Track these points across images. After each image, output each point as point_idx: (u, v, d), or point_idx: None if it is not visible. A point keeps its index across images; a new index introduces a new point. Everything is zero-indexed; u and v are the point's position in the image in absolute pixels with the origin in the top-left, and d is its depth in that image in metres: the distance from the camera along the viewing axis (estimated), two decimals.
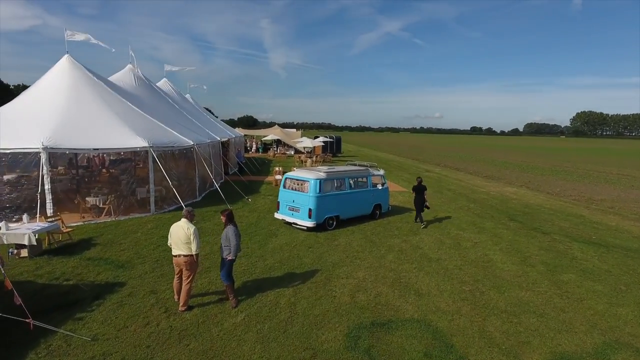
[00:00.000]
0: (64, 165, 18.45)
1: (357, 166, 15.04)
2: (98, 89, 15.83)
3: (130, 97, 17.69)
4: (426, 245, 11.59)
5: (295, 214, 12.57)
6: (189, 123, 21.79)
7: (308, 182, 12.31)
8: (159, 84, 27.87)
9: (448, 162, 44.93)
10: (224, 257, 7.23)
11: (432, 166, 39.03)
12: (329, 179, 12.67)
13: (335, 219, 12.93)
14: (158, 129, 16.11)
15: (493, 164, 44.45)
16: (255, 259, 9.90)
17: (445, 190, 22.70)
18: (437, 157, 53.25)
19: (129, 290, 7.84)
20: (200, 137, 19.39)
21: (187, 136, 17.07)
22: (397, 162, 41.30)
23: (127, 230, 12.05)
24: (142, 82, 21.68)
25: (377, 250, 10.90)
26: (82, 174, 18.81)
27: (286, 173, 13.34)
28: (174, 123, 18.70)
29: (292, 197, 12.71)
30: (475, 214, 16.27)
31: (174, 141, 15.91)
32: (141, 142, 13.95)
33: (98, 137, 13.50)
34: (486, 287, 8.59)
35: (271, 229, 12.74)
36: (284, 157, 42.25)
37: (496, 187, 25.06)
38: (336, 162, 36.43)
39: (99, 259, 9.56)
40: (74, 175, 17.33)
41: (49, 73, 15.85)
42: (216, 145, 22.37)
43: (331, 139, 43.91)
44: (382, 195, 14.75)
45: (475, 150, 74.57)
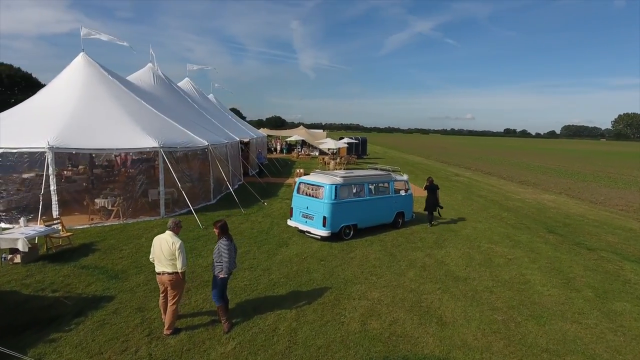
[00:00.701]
0: (85, 164, 18.24)
1: (379, 170, 13.92)
2: (112, 88, 15.43)
3: (146, 96, 17.26)
4: (452, 260, 10.35)
5: (308, 221, 11.61)
6: (208, 123, 21.26)
7: (323, 188, 11.32)
8: (181, 84, 27.64)
9: (479, 165, 42.82)
10: (216, 274, 6.36)
11: (462, 170, 37.17)
12: (346, 185, 11.63)
13: (352, 228, 11.87)
14: (172, 128, 15.55)
15: (528, 168, 42.00)
16: (260, 272, 8.99)
17: (476, 196, 21.15)
18: (467, 160, 51.04)
19: (115, 306, 7.09)
20: (218, 138, 18.77)
21: (202, 136, 16.45)
22: (424, 165, 39.66)
23: (131, 235, 11.43)
24: (161, 81, 21.34)
25: (396, 266, 9.76)
26: (100, 173, 18.58)
27: (300, 177, 12.40)
28: (190, 123, 18.15)
29: (306, 203, 11.75)
30: (509, 225, 14.79)
31: (188, 141, 15.29)
32: (151, 142, 13.38)
33: (107, 136, 13.02)
34: (523, 317, 7.33)
35: (283, 237, 11.82)
36: (308, 158, 41.44)
37: (532, 194, 23.23)
38: (360, 165, 35.29)
39: (94, 267, 8.91)
40: (89, 175, 17.02)
41: (64, 72, 15.60)
42: (235, 146, 21.75)
43: (356, 141, 42.73)
44: (405, 202, 13.57)
45: (508, 153, 71.37)
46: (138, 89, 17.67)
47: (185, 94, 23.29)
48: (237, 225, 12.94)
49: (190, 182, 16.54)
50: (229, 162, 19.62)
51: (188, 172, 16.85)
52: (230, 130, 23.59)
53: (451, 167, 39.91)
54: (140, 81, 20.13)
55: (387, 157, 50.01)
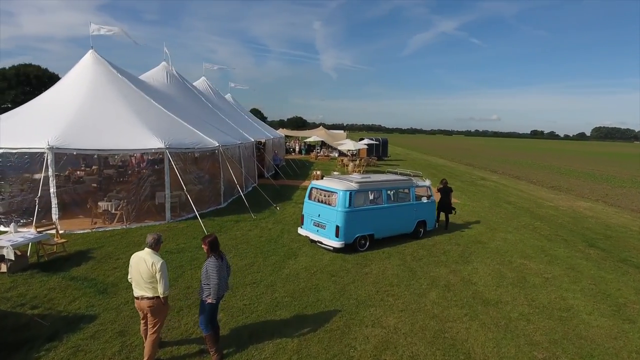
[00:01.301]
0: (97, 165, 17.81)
1: (398, 175, 12.81)
2: (120, 86, 14.86)
3: (156, 95, 16.67)
4: (481, 279, 9.17)
5: (320, 230, 10.63)
6: (221, 123, 20.56)
7: (336, 194, 10.32)
8: (197, 83, 27.17)
9: (506, 168, 40.86)
10: (203, 299, 5.46)
11: (488, 173, 35.42)
12: (362, 191, 10.60)
13: (368, 238, 10.82)
14: (181, 128, 14.85)
15: (559, 172, 39.80)
16: (263, 288, 8.07)
17: (504, 203, 19.70)
18: (493, 162, 48.99)
19: (96, 328, 6.29)
20: (230, 138, 18.03)
21: (213, 137, 15.70)
22: (448, 168, 38.06)
23: (131, 242, 10.72)
24: (175, 80, 20.80)
25: (416, 284, 8.67)
26: (111, 174, 18.13)
27: (312, 182, 11.43)
28: (202, 123, 17.47)
29: (318, 210, 10.77)
30: (543, 236, 13.42)
31: (197, 142, 14.56)
32: (157, 143, 12.68)
33: (111, 137, 12.39)
34: (568, 356, 6.14)
35: (292, 247, 10.88)
36: (327, 159, 40.48)
37: (566, 201, 21.56)
38: (380, 167, 34.07)
39: (84, 279, 8.18)
40: (99, 176, 16.54)
41: (73, 70, 15.13)
42: (249, 147, 20.99)
43: (377, 142, 41.48)
44: (427, 210, 12.41)
45: (536, 156, 68.51)
46: (149, 88, 17.10)
47: (199, 94, 22.71)
48: (245, 232, 12.09)
49: (199, 185, 15.85)
50: (242, 163, 18.87)
51: (197, 174, 16.17)
52: (246, 130, 22.86)
53: (476, 170, 38.17)
54: (153, 80, 19.63)
55: (408, 159, 48.51)
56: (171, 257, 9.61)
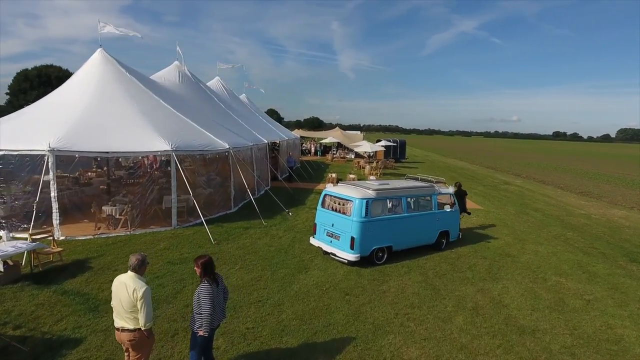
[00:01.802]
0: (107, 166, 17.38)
1: (419, 181, 11.87)
2: (128, 85, 14.35)
3: (166, 95, 16.14)
4: (513, 300, 8.18)
5: (334, 241, 9.80)
6: (234, 124, 19.94)
7: (351, 203, 9.47)
8: (211, 83, 26.68)
9: (530, 172, 39.21)
10: (194, 330, 4.70)
11: (512, 177, 33.95)
12: (380, 199, 9.72)
13: (386, 250, 9.94)
14: (190, 130, 14.24)
15: (587, 176, 37.95)
16: (269, 308, 7.28)
17: (531, 210, 18.48)
18: (516, 165, 47.24)
19: (79, 355, 5.60)
20: (242, 140, 17.37)
21: (224, 139, 15.06)
22: (469, 171, 36.70)
23: (133, 250, 10.09)
24: (187, 80, 20.28)
25: (440, 305, 7.75)
26: (121, 176, 17.69)
27: (325, 188, 10.60)
28: (213, 124, 16.87)
29: (332, 219, 9.94)
30: (578, 249, 12.28)
31: (207, 144, 13.92)
32: (163, 145, 12.08)
33: (116, 138, 11.84)
34: None
35: (303, 259, 10.07)
36: (343, 161, 39.60)
37: (598, 208, 20.17)
38: (399, 170, 33.01)
39: (76, 293, 7.55)
40: (108, 178, 16.07)
41: (81, 69, 14.71)
42: (262, 149, 20.31)
43: (394, 143, 40.39)
44: (450, 219, 11.45)
45: (561, 159, 66.10)
46: (159, 88, 16.59)
47: (212, 94, 22.15)
48: (254, 241, 11.35)
49: (209, 188, 15.23)
50: (254, 166, 18.19)
51: (206, 177, 15.56)
52: (259, 131, 22.18)
53: (499, 173, 36.69)
54: (164, 79, 19.15)
55: (427, 161, 47.21)
56: (172, 269, 8.93)
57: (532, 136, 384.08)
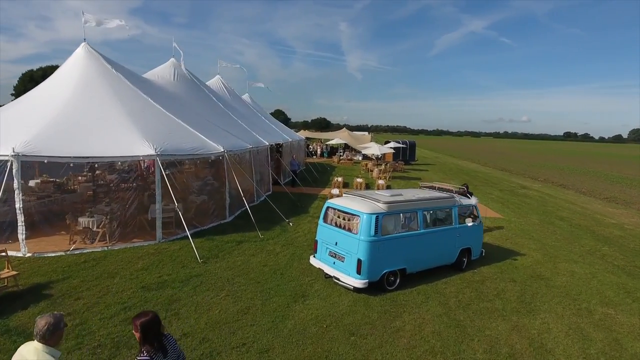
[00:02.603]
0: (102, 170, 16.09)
1: (437, 191, 10.35)
2: (114, 83, 13.07)
3: (157, 94, 14.83)
4: (558, 343, 6.65)
5: (338, 263, 8.34)
6: (233, 126, 18.59)
7: (358, 218, 8.02)
8: (211, 82, 25.41)
9: (547, 174, 37.33)
10: None
11: (528, 180, 32.16)
12: (392, 213, 8.25)
13: (399, 273, 8.45)
14: (181, 132, 12.90)
15: (608, 179, 35.99)
16: (254, 356, 5.84)
17: (556, 219, 16.85)
18: (531, 167, 45.32)
19: None
20: (241, 142, 16.00)
21: (219, 141, 13.69)
22: (482, 174, 34.98)
23: (106, 271, 8.74)
24: (183, 78, 18.98)
25: (468, 351, 6.25)
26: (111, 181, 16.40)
27: (328, 200, 9.14)
28: (209, 125, 15.53)
29: (335, 237, 8.49)
30: (619, 268, 10.68)
31: (198, 147, 12.57)
32: (146, 149, 10.74)
33: (94, 142, 10.54)
34: None
35: (302, 283, 8.62)
36: (350, 163, 38.11)
37: (629, 217, 18.44)
38: (408, 173, 31.43)
39: (21, 332, 6.18)
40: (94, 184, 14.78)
41: (64, 66, 13.49)
42: (263, 152, 18.93)
43: (404, 145, 38.79)
44: (473, 235, 9.93)
45: (575, 160, 63.87)
46: (149, 86, 15.30)
47: (211, 93, 20.82)
48: (246, 259, 9.94)
49: (202, 196, 13.89)
50: (254, 170, 16.81)
51: (199, 184, 14.22)
52: (261, 133, 20.80)
53: (514, 176, 34.90)
54: (158, 77, 17.87)
55: (438, 163, 45.53)
56: (146, 296, 7.55)
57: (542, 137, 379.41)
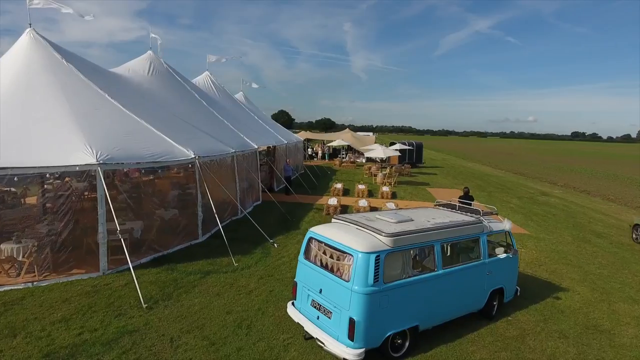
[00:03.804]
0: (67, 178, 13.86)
1: (458, 212, 7.89)
2: (63, 76, 10.83)
3: (120, 89, 12.60)
4: None
5: (323, 319, 5.96)
6: (217, 127, 16.30)
7: (351, 257, 5.64)
8: (198, 79, 23.13)
9: (565, 178, 34.64)
10: None
11: (547, 185, 29.54)
12: (400, 250, 5.85)
13: (409, 333, 6.05)
14: (143, 135, 10.64)
15: (634, 183, 33.23)
16: None
17: (591, 235, 14.34)
18: (546, 170, 42.61)
19: None
20: (221, 146, 13.71)
21: (191, 145, 11.42)
22: (495, 178, 32.39)
23: (9, 324, 6.44)
24: (160, 72, 16.70)
25: None
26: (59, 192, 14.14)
27: (311, 228, 6.73)
28: (185, 127, 13.28)
29: (319, 281, 6.11)
30: None
31: (162, 153, 10.28)
32: (86, 157, 8.46)
33: (19, 148, 8.29)
34: None
35: (273, 345, 6.23)
36: (352, 166, 35.67)
37: None
38: (416, 176, 28.93)
39: None
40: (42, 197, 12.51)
41: (4, 56, 11.24)
42: (250, 156, 16.60)
43: (410, 147, 36.29)
44: (506, 270, 7.51)
45: (589, 161, 60.89)
46: (112, 80, 13.07)
47: (194, 90, 18.49)
48: (208, 301, 7.59)
49: (171, 210, 11.61)
50: (237, 178, 14.50)
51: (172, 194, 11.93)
52: (251, 134, 18.47)
53: (530, 180, 32.27)
54: (129, 71, 15.62)
55: (446, 165, 42.96)
56: None
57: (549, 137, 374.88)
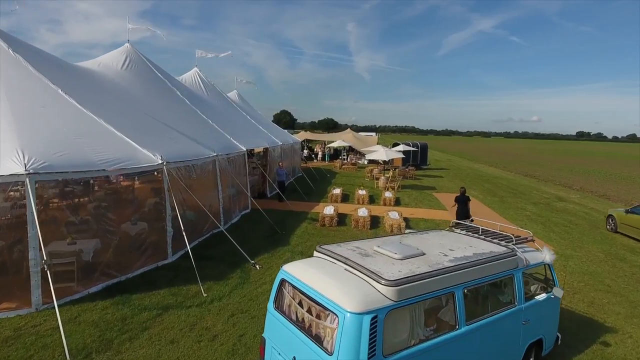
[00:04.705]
0: None
1: (481, 237, 6.06)
2: (6, 68, 9.14)
3: (82, 85, 10.92)
4: None
5: None
6: (199, 128, 14.60)
7: (336, 318, 3.88)
8: (186, 75, 21.46)
9: (580, 181, 32.65)
10: None
11: (561, 189, 27.61)
12: (407, 304, 4.07)
13: None
14: (100, 137, 8.93)
15: None
16: None
17: (626, 251, 12.50)
18: (557, 172, 40.63)
19: None
20: (200, 149, 12.03)
21: (160, 149, 9.73)
22: (505, 181, 30.50)
23: None
24: (136, 66, 15.08)
25: None
26: None
27: (284, 266, 4.96)
28: (157, 128, 11.62)
29: (292, 344, 4.36)
30: None
31: (121, 159, 8.58)
32: (13, 167, 6.77)
33: None
34: None
35: None
36: (353, 168, 33.91)
37: None
38: (422, 180, 27.08)
39: None
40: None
41: None
42: (237, 159, 14.89)
43: (414, 148, 34.47)
44: (546, 314, 5.73)
45: (600, 162, 58.76)
46: (71, 73, 11.38)
47: (177, 87, 16.78)
48: (155, 354, 5.85)
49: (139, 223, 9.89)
50: (221, 185, 12.80)
51: (128, 210, 10.19)
52: (241, 135, 16.77)
53: (543, 183, 30.35)
54: (100, 65, 13.97)
55: (452, 167, 41.10)
56: None
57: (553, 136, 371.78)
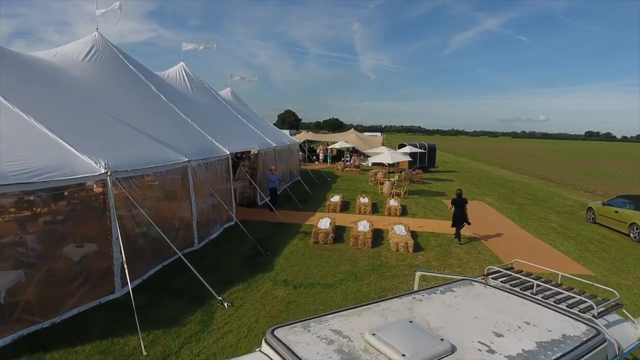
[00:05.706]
0: None
1: (537, 300, 3.96)
2: None
3: (16, 79, 8.98)
4: None
5: None
6: (174, 128, 12.65)
7: None
8: (171, 70, 19.50)
9: (602, 185, 30.28)
10: None
11: (584, 194, 25.32)
12: None
13: None
14: (23, 142, 6.98)
15: None
16: None
17: None
18: (574, 175, 38.27)
19: None
20: (170, 153, 10.08)
21: (105, 154, 7.79)
22: (520, 185, 28.26)
23: None
24: (104, 58, 13.13)
25: None
26: None
27: None
28: (113, 130, 9.66)
29: None
30: None
31: (49, 169, 6.64)
32: None
33: None
34: None
35: None
36: (357, 171, 31.83)
37: None
38: (429, 184, 24.91)
39: None
40: None
41: None
42: (219, 164, 12.90)
43: (422, 150, 32.29)
44: None
45: (617, 164, 56.12)
46: (14, 62, 9.44)
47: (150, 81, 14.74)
48: None
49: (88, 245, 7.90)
50: (193, 196, 10.82)
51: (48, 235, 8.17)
52: (227, 137, 14.77)
53: (561, 188, 28.08)
54: (56, 56, 12.05)
55: (461, 169, 38.90)
56: None
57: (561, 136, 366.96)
